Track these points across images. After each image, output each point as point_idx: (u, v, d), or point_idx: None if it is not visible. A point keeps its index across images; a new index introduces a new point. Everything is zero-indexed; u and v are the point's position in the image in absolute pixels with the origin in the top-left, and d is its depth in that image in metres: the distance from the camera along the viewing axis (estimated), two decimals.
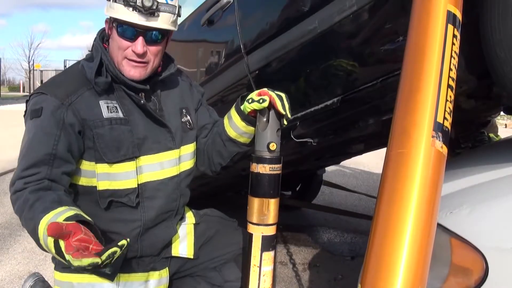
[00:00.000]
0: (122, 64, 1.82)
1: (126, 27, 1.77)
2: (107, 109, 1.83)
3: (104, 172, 1.82)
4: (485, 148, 3.09)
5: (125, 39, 1.79)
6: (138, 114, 1.88)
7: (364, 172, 7.88)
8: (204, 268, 2.13)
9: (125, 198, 1.87)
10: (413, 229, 1.12)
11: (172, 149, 1.97)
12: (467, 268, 1.38)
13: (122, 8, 1.74)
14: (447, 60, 1.28)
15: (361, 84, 2.14)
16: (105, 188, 1.83)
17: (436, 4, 1.33)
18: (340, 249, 4.12)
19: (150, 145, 1.91)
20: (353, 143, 3.06)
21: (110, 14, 1.78)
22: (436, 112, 1.22)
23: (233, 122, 1.95)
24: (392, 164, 1.23)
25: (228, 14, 2.78)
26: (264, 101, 1.79)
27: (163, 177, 1.95)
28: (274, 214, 1.81)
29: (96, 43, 1.90)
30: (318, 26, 2.13)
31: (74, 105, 1.77)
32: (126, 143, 1.83)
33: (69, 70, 2.00)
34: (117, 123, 1.83)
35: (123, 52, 1.81)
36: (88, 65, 1.84)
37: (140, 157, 1.88)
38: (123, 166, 1.84)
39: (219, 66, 2.98)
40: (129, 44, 1.79)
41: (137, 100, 1.87)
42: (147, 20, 1.75)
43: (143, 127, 1.89)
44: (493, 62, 1.58)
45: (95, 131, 1.79)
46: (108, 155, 1.81)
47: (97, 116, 1.80)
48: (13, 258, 3.77)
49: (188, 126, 2.05)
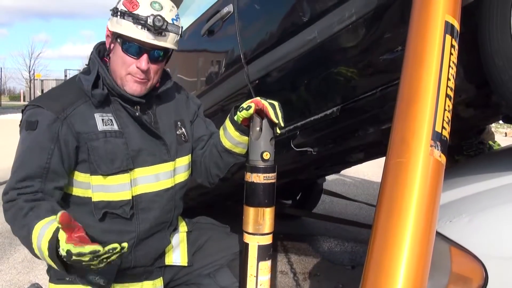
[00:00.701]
0: (126, 79, 1.84)
1: (132, 44, 1.79)
2: (102, 122, 1.84)
3: (99, 184, 1.83)
4: (484, 156, 3.10)
5: (130, 55, 1.81)
6: (133, 126, 1.89)
7: (364, 181, 7.87)
8: (198, 275, 2.13)
9: (120, 210, 1.87)
10: (412, 238, 1.12)
11: (167, 162, 1.98)
12: (466, 276, 1.38)
13: (131, 25, 1.75)
14: (445, 70, 1.29)
15: (361, 93, 2.15)
16: (100, 199, 1.84)
17: (434, 15, 1.34)
18: (340, 258, 4.11)
19: (145, 157, 1.92)
20: (353, 152, 3.06)
21: (116, 30, 1.79)
22: (434, 121, 1.23)
23: (228, 133, 1.96)
24: (391, 173, 1.24)
25: (228, 24, 2.79)
26: (250, 108, 1.81)
27: (158, 189, 1.96)
28: (269, 223, 1.82)
29: (92, 57, 1.91)
30: (318, 36, 2.14)
31: (69, 118, 1.79)
32: (120, 155, 1.84)
33: (66, 83, 2.01)
34: (111, 135, 1.84)
35: (127, 68, 1.82)
36: (85, 78, 1.85)
37: (135, 169, 1.89)
38: (117, 178, 1.85)
39: (219, 76, 2.99)
40: (133, 61, 1.81)
41: (132, 112, 1.87)
42: (154, 39, 1.78)
43: (138, 139, 1.90)
44: (492, 71, 1.59)
45: (89, 144, 1.81)
46: (102, 168, 1.82)
47: (91, 129, 1.81)
48: (13, 268, 3.76)
49: (183, 138, 2.06)
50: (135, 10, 1.75)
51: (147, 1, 1.77)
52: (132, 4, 1.76)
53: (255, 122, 1.83)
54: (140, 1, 1.76)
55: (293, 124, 2.51)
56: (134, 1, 1.76)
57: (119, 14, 1.77)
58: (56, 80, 49.51)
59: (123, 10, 1.76)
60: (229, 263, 2.12)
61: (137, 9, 1.75)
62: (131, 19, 1.75)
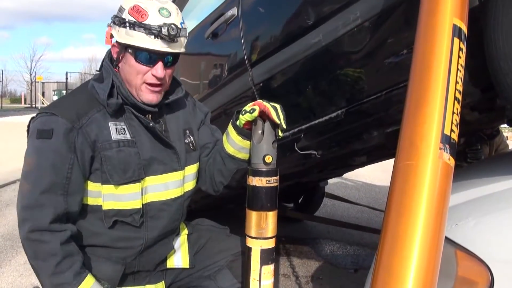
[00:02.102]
0: (141, 89, 1.83)
1: (146, 53, 1.77)
2: (115, 131, 1.83)
3: (110, 193, 1.83)
4: (491, 160, 3.10)
5: (145, 64, 1.79)
6: (145, 135, 1.89)
7: (366, 184, 7.87)
8: (198, 277, 2.13)
9: (130, 218, 1.88)
10: (422, 241, 1.12)
11: (177, 170, 1.98)
12: (472, 280, 1.37)
13: (144, 36, 1.74)
14: (453, 73, 1.29)
15: (365, 96, 2.14)
16: (110, 208, 1.84)
17: (442, 18, 1.34)
18: (343, 261, 4.10)
19: (156, 166, 1.92)
20: (357, 155, 3.06)
21: (128, 42, 1.77)
22: (443, 124, 1.23)
23: (230, 138, 1.96)
24: (400, 176, 1.24)
25: (233, 27, 2.80)
26: (254, 111, 1.80)
27: (167, 198, 1.96)
28: (272, 227, 1.81)
29: (106, 64, 1.89)
30: (323, 39, 2.15)
31: (84, 128, 1.77)
32: (132, 165, 1.84)
33: (78, 91, 1.98)
34: (124, 145, 1.83)
35: (142, 77, 1.81)
36: (99, 87, 1.83)
37: (146, 178, 1.89)
38: (129, 187, 1.85)
39: (223, 79, 2.99)
40: (148, 69, 1.80)
41: (145, 122, 1.87)
42: (168, 46, 1.77)
43: (150, 148, 1.90)
44: (497, 75, 1.59)
45: (103, 153, 1.80)
46: (114, 177, 1.81)
47: (105, 138, 1.80)
48: (15, 270, 3.76)
49: (191, 147, 2.06)
50: (145, 20, 1.73)
51: (154, 8, 1.75)
52: (141, 14, 1.73)
53: (257, 125, 1.83)
54: (147, 9, 1.74)
55: (298, 127, 2.50)
56: (142, 10, 1.74)
57: (128, 25, 1.75)
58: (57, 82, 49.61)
59: (131, 20, 1.74)
60: (229, 264, 2.12)
61: (147, 18, 1.73)
62: (142, 30, 1.73)
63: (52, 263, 1.68)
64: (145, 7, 1.75)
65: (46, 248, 1.69)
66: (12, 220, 5.09)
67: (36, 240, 1.70)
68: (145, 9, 1.74)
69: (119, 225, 1.88)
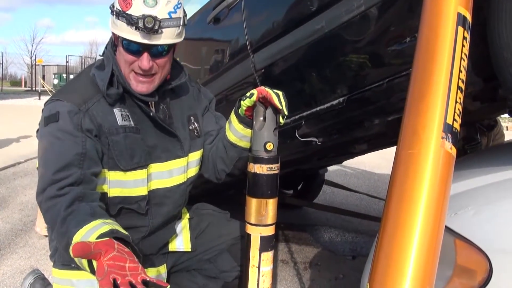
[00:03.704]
0: (129, 77, 1.82)
1: (131, 43, 1.75)
2: (121, 116, 1.82)
3: (117, 179, 1.83)
4: (491, 149, 3.10)
5: (131, 54, 1.77)
6: (147, 122, 1.89)
7: (365, 172, 7.89)
8: (198, 261, 2.15)
9: (135, 205, 1.88)
10: (422, 229, 1.12)
11: (180, 157, 1.99)
12: (471, 269, 1.39)
13: (125, 26, 1.71)
14: (457, 62, 1.28)
15: (367, 84, 2.14)
16: (116, 195, 1.84)
17: (446, 6, 1.33)
18: (341, 248, 4.12)
19: (160, 153, 1.92)
20: (357, 143, 3.07)
21: (113, 30, 1.77)
22: (446, 113, 1.23)
23: (232, 126, 1.96)
24: (401, 164, 1.24)
25: (235, 12, 2.78)
26: (252, 95, 1.79)
27: (172, 185, 1.97)
28: (272, 214, 1.81)
29: (107, 52, 1.88)
30: (326, 25, 2.14)
31: (91, 111, 1.76)
32: (138, 151, 1.84)
33: (81, 78, 1.95)
34: (130, 131, 1.82)
35: (129, 66, 1.80)
36: (99, 76, 1.82)
37: (151, 164, 1.89)
38: (135, 174, 1.85)
39: (224, 64, 2.98)
40: (135, 59, 1.78)
41: (146, 111, 1.86)
42: (150, 39, 1.73)
43: (153, 135, 1.89)
44: (500, 65, 1.58)
45: (110, 138, 1.79)
46: (122, 163, 1.81)
47: (112, 124, 1.80)
48: (14, 253, 3.77)
49: (196, 133, 2.06)
50: (128, 10, 1.70)
51: None
52: (126, 3, 1.70)
53: (259, 112, 1.82)
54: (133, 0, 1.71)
55: (299, 114, 2.50)
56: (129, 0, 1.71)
57: (115, 13, 1.74)
58: (57, 65, 49.46)
59: (117, 9, 1.72)
60: (230, 247, 2.13)
61: (130, 8, 1.69)
62: (124, 20, 1.70)
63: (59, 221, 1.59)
64: None
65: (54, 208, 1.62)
66: (11, 203, 5.10)
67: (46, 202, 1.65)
68: None
69: (124, 213, 1.88)
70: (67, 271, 1.85)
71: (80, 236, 1.49)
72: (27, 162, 7.24)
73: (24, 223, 4.45)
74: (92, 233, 1.48)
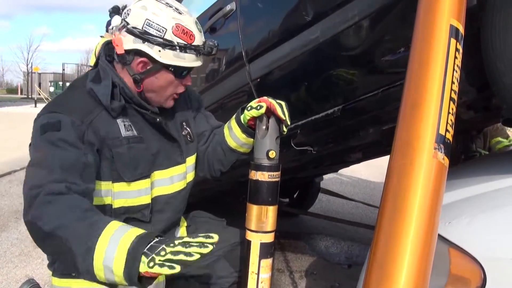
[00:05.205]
0: (169, 98, 1.88)
1: (185, 69, 1.80)
2: (124, 127, 1.80)
3: (121, 190, 1.81)
4: (485, 158, 3.12)
5: (180, 77, 1.83)
6: (149, 131, 1.88)
7: (361, 180, 7.89)
8: (196, 267, 2.13)
9: (139, 214, 1.87)
10: (415, 239, 1.13)
11: (180, 164, 1.99)
12: (465, 278, 1.39)
13: (194, 57, 1.77)
14: (449, 74, 1.30)
15: (362, 94, 2.15)
16: (121, 205, 1.83)
17: (439, 19, 1.35)
18: (337, 257, 4.12)
19: (162, 160, 1.92)
20: (352, 152, 3.08)
21: (178, 63, 1.75)
22: (438, 124, 1.24)
23: (234, 134, 1.98)
24: (394, 175, 1.25)
25: (231, 22, 2.80)
26: (261, 107, 1.82)
27: (173, 191, 1.97)
28: (272, 221, 1.82)
29: (104, 65, 1.83)
30: (320, 35, 2.15)
31: (94, 123, 1.72)
32: (142, 161, 1.83)
33: (75, 91, 1.87)
34: (134, 141, 1.81)
35: (175, 89, 1.85)
36: (99, 90, 1.78)
37: (154, 172, 1.89)
38: (140, 184, 1.84)
39: (220, 74, 2.99)
40: (181, 81, 1.84)
41: (150, 118, 1.86)
42: (200, 61, 1.83)
43: (156, 143, 1.89)
44: (493, 74, 1.60)
45: (114, 150, 1.76)
46: (126, 174, 1.79)
47: (115, 135, 1.77)
48: (10, 262, 3.76)
49: (189, 138, 2.07)
50: (194, 42, 1.75)
51: (193, 24, 1.77)
52: (188, 35, 1.74)
53: (262, 121, 1.84)
54: (190, 28, 1.75)
55: (294, 123, 2.51)
56: (188, 31, 1.74)
57: (179, 48, 1.73)
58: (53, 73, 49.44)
59: (182, 43, 1.73)
60: (227, 254, 2.13)
61: (194, 40, 1.75)
62: (193, 52, 1.76)
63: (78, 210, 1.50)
64: (186, 24, 1.74)
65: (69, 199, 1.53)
66: (6, 211, 5.10)
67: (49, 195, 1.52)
68: (189, 28, 1.74)
69: (127, 221, 1.86)
70: (66, 279, 1.84)
71: (119, 224, 1.46)
72: (23, 170, 7.21)
73: (19, 232, 4.44)
74: (129, 228, 1.45)
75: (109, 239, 1.40)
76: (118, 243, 1.38)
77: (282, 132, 1.87)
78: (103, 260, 1.38)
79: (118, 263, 1.36)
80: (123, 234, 1.41)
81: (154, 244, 1.37)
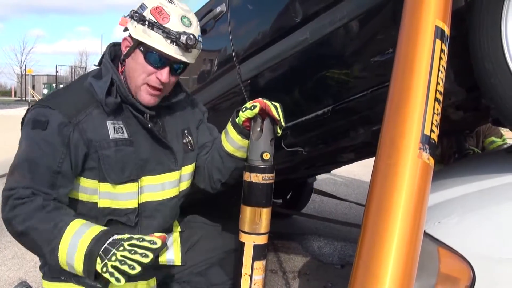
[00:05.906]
0: (140, 88, 1.83)
1: (157, 54, 1.77)
2: (113, 129, 1.81)
3: (107, 191, 1.82)
4: (474, 158, 3.12)
5: (152, 66, 1.79)
6: (142, 135, 1.88)
7: (354, 180, 7.89)
8: (189, 273, 2.13)
9: (124, 218, 1.87)
10: (400, 238, 1.14)
11: (174, 171, 1.98)
12: (454, 277, 1.39)
13: (161, 38, 1.73)
14: (434, 74, 1.30)
15: (352, 94, 2.16)
16: (106, 206, 1.83)
17: (424, 20, 1.36)
18: (330, 257, 4.12)
19: (153, 166, 1.91)
20: (344, 152, 3.08)
21: (144, 40, 1.75)
22: (423, 124, 1.25)
23: (230, 137, 1.96)
24: (380, 175, 1.26)
25: (221, 24, 2.80)
26: (255, 107, 1.81)
27: (163, 198, 1.96)
28: (266, 223, 1.82)
29: (105, 61, 1.87)
30: (310, 37, 2.16)
31: (81, 124, 1.75)
32: (130, 164, 1.83)
33: (75, 85, 1.95)
34: (122, 144, 1.82)
35: (145, 77, 1.81)
36: (97, 84, 1.81)
37: (143, 177, 1.89)
38: (126, 187, 1.84)
39: (211, 75, 2.99)
40: (154, 71, 1.79)
41: (143, 122, 1.86)
42: (182, 55, 1.78)
43: (147, 148, 1.89)
44: (481, 75, 1.61)
45: (100, 152, 1.78)
46: (112, 176, 1.80)
47: (103, 137, 1.78)
48: (3, 265, 3.75)
49: (189, 147, 2.06)
50: (166, 23, 1.73)
51: (177, 14, 1.76)
52: (162, 16, 1.73)
53: (256, 123, 1.84)
54: (170, 13, 1.74)
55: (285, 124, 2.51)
56: (164, 13, 1.74)
57: (147, 23, 1.74)
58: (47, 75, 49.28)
59: (152, 20, 1.73)
60: (221, 261, 2.13)
61: (168, 22, 1.73)
62: (161, 32, 1.73)
63: (43, 211, 1.63)
64: (168, 11, 1.75)
65: (34, 202, 1.64)
66: None
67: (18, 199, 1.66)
68: (168, 13, 1.74)
69: (113, 224, 1.85)
70: (56, 283, 1.86)
71: (80, 223, 1.64)
72: None
73: None
74: (92, 225, 1.64)
75: (70, 241, 1.58)
76: (78, 246, 1.56)
77: (277, 133, 1.86)
78: (66, 260, 1.58)
79: (78, 263, 1.56)
80: (81, 237, 1.58)
81: (107, 247, 1.54)
